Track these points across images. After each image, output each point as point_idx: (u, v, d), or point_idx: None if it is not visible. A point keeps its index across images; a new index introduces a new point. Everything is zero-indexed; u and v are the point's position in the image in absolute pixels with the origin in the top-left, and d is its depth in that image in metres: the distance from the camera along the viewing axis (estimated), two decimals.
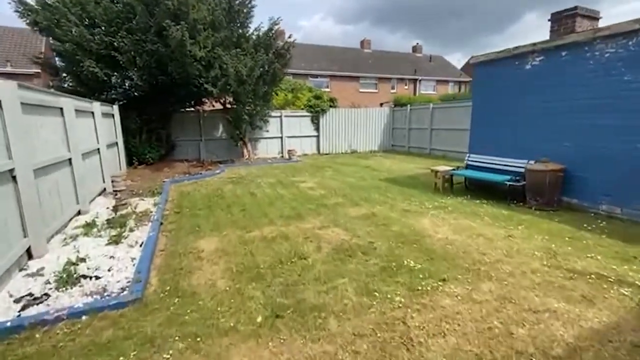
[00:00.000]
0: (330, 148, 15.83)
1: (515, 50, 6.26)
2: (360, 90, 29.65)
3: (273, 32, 11.32)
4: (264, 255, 4.09)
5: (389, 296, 3.10)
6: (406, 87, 32.41)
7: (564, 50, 5.71)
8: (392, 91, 31.35)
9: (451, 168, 7.46)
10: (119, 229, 5.03)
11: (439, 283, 3.32)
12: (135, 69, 9.62)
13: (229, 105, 12.76)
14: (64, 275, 3.48)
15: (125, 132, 10.88)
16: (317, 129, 15.47)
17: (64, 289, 3.32)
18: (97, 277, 3.57)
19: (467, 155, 7.49)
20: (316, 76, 27.40)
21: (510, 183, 5.97)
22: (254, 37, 11.45)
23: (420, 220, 5.33)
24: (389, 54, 34.97)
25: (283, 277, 3.52)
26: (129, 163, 11.04)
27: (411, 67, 33.52)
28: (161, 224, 5.47)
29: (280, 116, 14.57)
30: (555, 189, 5.58)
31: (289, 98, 16.49)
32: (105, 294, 3.25)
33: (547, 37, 6.55)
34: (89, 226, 5.17)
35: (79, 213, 5.87)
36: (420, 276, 3.46)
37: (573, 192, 5.64)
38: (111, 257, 4.13)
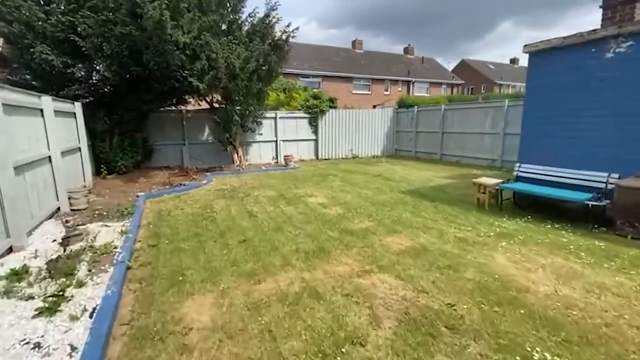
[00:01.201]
0: (330, 153, 14.34)
1: (592, 34, 4.96)
2: (353, 91, 28.36)
3: (270, 18, 9.74)
4: (290, 338, 2.53)
5: None
6: (399, 89, 31.38)
7: None
8: (386, 93, 30.26)
9: (498, 180, 6.10)
10: (62, 281, 3.35)
11: None
12: (102, 57, 7.84)
13: (216, 105, 11.08)
14: None
15: (92, 135, 9.05)
16: (315, 131, 13.95)
17: None
18: None
19: (517, 165, 6.16)
20: (308, 76, 25.93)
21: (593, 203, 4.63)
22: (247, 23, 9.84)
23: (495, 259, 3.89)
24: (381, 55, 33.93)
25: None
26: (97, 172, 9.19)
27: (403, 69, 32.57)
28: (128, 268, 3.80)
29: (275, 117, 12.98)
30: None
31: (281, 98, 14.92)
32: None
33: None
34: (17, 275, 3.46)
35: (9, 251, 4.12)
36: None
37: None
38: (35, 345, 2.47)
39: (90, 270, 3.64)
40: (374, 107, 23.72)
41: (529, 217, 5.33)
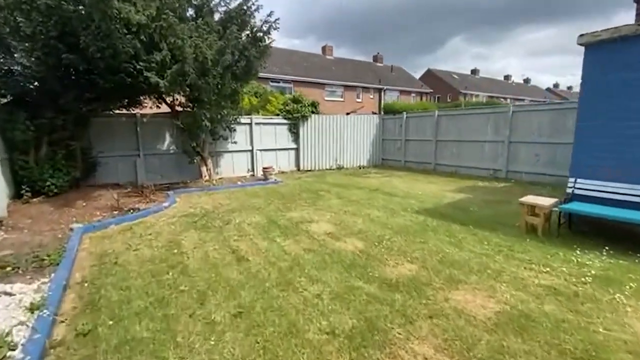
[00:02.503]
0: (313, 163, 12.81)
1: None
2: (326, 98, 27.19)
3: (249, 4, 8.09)
4: None
5: None
6: (371, 97, 30.84)
7: None
8: (358, 100, 29.51)
9: (554, 200, 4.95)
10: None
11: None
12: (20, 39, 5.72)
13: (180, 108, 9.14)
14: None
15: (10, 145, 6.79)
16: (296, 139, 12.37)
17: None
18: None
19: (571, 180, 5.08)
20: (278, 81, 24.34)
21: None
22: (221, 8, 8.12)
23: (633, 327, 2.59)
24: (352, 62, 33.32)
25: None
26: (17, 195, 6.90)
27: (374, 76, 32.15)
28: None
29: (250, 123, 11.22)
30: None
31: (254, 102, 13.20)
32: None
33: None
34: None
35: None
36: None
37: None
38: None
39: None
40: (347, 114, 22.69)
41: (607, 249, 4.19)
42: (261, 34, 8.41)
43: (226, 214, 6.43)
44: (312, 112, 12.42)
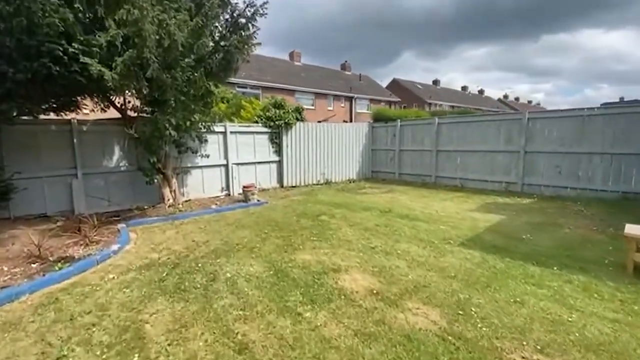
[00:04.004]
0: (298, 179, 11.06)
1: None
2: None
3: None
4: None
5: None
6: (342, 105, 29.88)
7: None
8: (329, 109, 28.34)
9: None
10: None
11: None
12: None
13: (133, 113, 7.03)
14: None
15: None
16: (279, 151, 10.58)
17: None
18: None
19: None
20: (245, 86, 22.35)
21: None
22: None
23: None
24: (320, 70, 32.20)
25: None
26: None
27: (345, 85, 31.30)
28: None
29: (224, 132, 9.27)
30: None
31: (223, 109, 11.21)
32: None
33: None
34: None
35: None
36: None
37: None
38: None
39: None
40: (319, 122, 21.34)
41: None
42: (244, 20, 6.63)
43: (207, 260, 4.50)
44: (297, 119, 10.74)
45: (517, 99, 66.52)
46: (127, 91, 6.12)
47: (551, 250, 4.68)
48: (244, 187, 8.48)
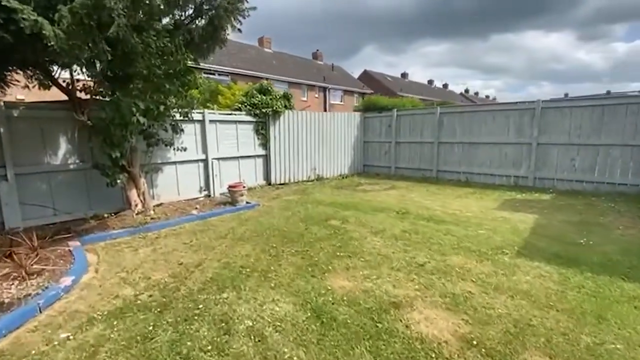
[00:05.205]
0: (287, 175, 9.78)
1: None
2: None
3: None
4: None
5: None
6: (316, 96, 28.68)
7: None
8: (303, 99, 27.01)
9: None
10: None
11: None
12: None
13: (85, 94, 5.39)
14: None
15: None
16: (265, 143, 9.21)
17: None
18: None
19: None
20: (213, 72, 20.40)
21: None
22: None
23: None
24: (292, 58, 30.60)
25: None
26: None
27: (318, 74, 30.04)
28: None
29: (203, 120, 7.76)
30: None
31: (197, 95, 9.59)
32: None
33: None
34: None
35: None
36: None
37: None
38: None
39: None
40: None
41: None
42: None
43: (209, 296, 3.21)
44: (286, 107, 9.42)
45: (476, 93, 69.41)
46: (76, 62, 4.48)
47: (624, 257, 3.98)
48: (230, 186, 7.08)
